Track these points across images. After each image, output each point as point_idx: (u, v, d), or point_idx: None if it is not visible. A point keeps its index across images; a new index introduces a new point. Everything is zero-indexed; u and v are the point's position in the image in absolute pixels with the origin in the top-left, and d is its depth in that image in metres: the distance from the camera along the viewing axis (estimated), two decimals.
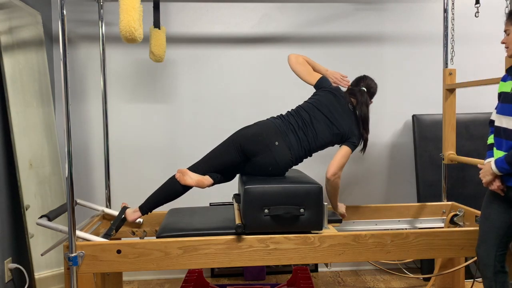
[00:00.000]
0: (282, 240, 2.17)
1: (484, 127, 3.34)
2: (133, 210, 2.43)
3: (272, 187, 2.16)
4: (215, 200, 3.38)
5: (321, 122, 2.41)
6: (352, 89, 2.55)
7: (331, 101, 2.46)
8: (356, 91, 2.50)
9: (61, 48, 1.98)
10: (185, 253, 2.14)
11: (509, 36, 1.96)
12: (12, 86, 2.56)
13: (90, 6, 3.28)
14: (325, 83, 2.55)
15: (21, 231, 2.71)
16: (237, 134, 2.39)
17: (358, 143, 2.47)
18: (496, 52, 3.53)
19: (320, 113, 2.43)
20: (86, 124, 3.32)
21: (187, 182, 2.31)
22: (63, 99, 2.00)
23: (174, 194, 2.35)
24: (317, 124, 2.40)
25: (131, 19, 2.21)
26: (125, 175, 3.35)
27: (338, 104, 2.45)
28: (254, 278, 3.33)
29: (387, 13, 3.46)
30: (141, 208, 2.39)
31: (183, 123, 3.39)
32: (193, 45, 3.37)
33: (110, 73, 3.32)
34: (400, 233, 2.22)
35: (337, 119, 2.42)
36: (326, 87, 2.53)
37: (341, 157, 2.42)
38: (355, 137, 2.45)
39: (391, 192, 3.54)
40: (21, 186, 2.53)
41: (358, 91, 2.50)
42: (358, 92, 2.49)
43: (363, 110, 2.46)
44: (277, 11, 3.40)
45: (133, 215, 2.43)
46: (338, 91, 2.52)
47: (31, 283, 2.63)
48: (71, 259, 2.04)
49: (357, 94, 2.49)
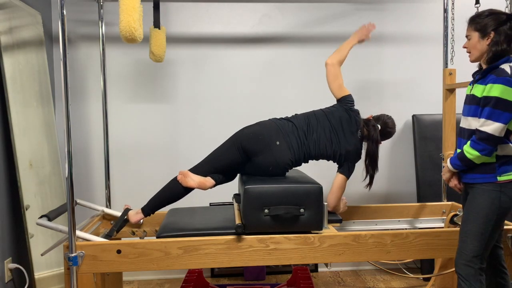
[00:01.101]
0: (282, 240, 2.17)
1: None
2: (136, 211, 2.43)
3: (272, 187, 2.17)
4: (215, 200, 3.38)
5: (326, 132, 2.39)
6: (369, 120, 2.50)
7: (345, 118, 2.43)
8: (371, 125, 2.45)
9: (61, 48, 1.98)
10: (185, 253, 2.14)
11: (471, 41, 2.00)
12: (12, 86, 2.56)
13: (90, 6, 3.28)
14: (348, 100, 2.51)
15: (21, 231, 2.71)
16: (238, 134, 2.40)
17: (352, 169, 2.45)
18: None
19: (328, 124, 2.41)
20: (86, 124, 3.32)
21: (188, 184, 2.31)
22: (63, 99, 2.00)
23: (176, 196, 2.36)
24: (322, 133, 2.39)
25: (131, 19, 2.21)
26: (125, 175, 3.35)
27: (349, 125, 2.43)
28: (254, 278, 3.33)
29: (387, 13, 3.46)
30: (144, 210, 2.39)
31: (183, 123, 3.39)
32: (193, 45, 3.37)
33: (110, 73, 3.32)
34: (400, 233, 2.22)
35: (341, 137, 2.40)
36: (347, 105, 2.49)
37: (338, 189, 2.43)
38: (350, 163, 2.43)
39: (391, 192, 3.54)
40: (21, 186, 2.53)
41: (372, 125, 2.44)
42: (372, 126, 2.44)
43: (371, 147, 2.43)
44: (277, 11, 3.40)
45: (135, 216, 2.43)
46: (356, 113, 2.48)
47: (31, 283, 2.63)
48: (71, 259, 2.04)
49: (370, 127, 2.44)
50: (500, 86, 1.85)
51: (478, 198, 1.97)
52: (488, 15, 1.95)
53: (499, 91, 1.85)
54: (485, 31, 1.94)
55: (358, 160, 2.46)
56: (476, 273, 1.96)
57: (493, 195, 1.94)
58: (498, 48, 1.91)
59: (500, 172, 1.95)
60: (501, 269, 2.12)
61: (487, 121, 1.89)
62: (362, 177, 2.48)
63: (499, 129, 1.87)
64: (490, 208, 1.94)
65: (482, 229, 1.95)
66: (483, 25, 1.95)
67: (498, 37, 1.91)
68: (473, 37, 1.99)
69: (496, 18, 1.93)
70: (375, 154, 2.44)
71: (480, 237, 1.96)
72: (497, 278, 2.12)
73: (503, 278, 2.11)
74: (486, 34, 1.94)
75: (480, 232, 1.96)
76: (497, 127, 1.87)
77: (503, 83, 1.84)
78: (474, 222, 1.97)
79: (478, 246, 1.96)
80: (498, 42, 1.91)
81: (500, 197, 1.94)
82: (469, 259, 1.97)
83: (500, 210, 1.94)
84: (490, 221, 1.95)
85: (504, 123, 1.87)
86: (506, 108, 1.85)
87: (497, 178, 1.95)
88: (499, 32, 1.91)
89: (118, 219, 2.48)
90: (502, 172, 1.95)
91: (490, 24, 1.93)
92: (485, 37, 1.95)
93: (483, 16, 1.96)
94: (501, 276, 2.11)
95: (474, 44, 1.99)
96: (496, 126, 1.87)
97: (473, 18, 2.01)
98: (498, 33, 1.92)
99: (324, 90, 3.44)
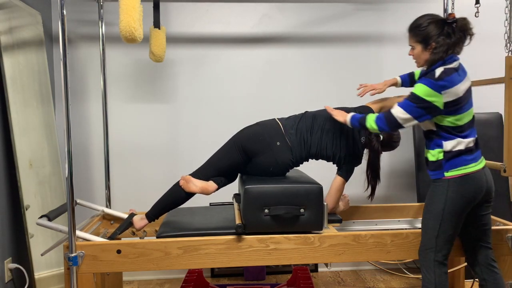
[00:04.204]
0: (282, 240, 2.17)
1: (484, 127, 3.34)
2: (140, 217, 2.41)
3: (272, 187, 2.17)
4: (215, 200, 3.38)
5: (329, 133, 2.38)
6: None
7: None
8: (374, 134, 2.41)
9: (61, 48, 1.98)
10: (185, 253, 2.14)
11: (415, 51, 2.09)
12: (12, 86, 2.56)
13: (90, 6, 3.28)
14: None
15: (21, 231, 2.71)
16: (238, 135, 2.40)
17: (351, 172, 2.44)
18: (496, 52, 3.53)
19: (333, 125, 2.40)
20: (86, 124, 3.32)
21: (191, 190, 2.31)
22: (63, 99, 2.00)
23: (179, 201, 2.35)
24: (324, 134, 2.38)
25: (131, 19, 2.21)
26: (125, 175, 3.35)
27: (353, 129, 2.40)
28: (254, 278, 3.33)
29: (387, 13, 3.46)
30: (148, 215, 2.38)
31: (183, 123, 3.39)
32: (193, 45, 3.37)
33: (110, 73, 3.32)
34: (400, 233, 2.22)
35: (343, 140, 2.38)
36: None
37: (336, 191, 2.44)
38: (349, 165, 2.43)
39: (391, 192, 3.54)
40: (21, 186, 2.53)
41: (375, 135, 2.41)
42: (375, 136, 2.41)
43: (372, 157, 2.42)
44: (277, 11, 3.40)
45: (140, 222, 2.41)
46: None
47: (31, 283, 2.63)
48: (71, 259, 2.04)
49: (373, 136, 2.41)
50: (420, 84, 1.97)
51: (430, 194, 2.08)
52: (427, 25, 2.03)
53: (417, 88, 1.97)
54: (427, 42, 2.04)
55: (357, 164, 2.45)
56: (430, 264, 2.06)
57: (441, 191, 2.04)
58: (438, 55, 2.01)
59: (446, 168, 2.03)
60: (490, 268, 2.15)
61: (399, 108, 2.02)
62: (362, 177, 2.47)
63: (404, 118, 2.00)
64: (438, 204, 2.03)
65: (431, 224, 2.06)
66: (424, 36, 2.04)
67: (438, 45, 2.01)
68: (416, 47, 2.08)
69: (435, 28, 2.02)
70: (376, 165, 2.44)
71: (431, 232, 2.06)
72: (486, 276, 2.15)
73: (492, 276, 2.14)
74: (428, 45, 2.04)
75: (429, 226, 2.07)
76: (406, 117, 2.00)
77: (424, 83, 1.97)
78: (425, 217, 2.09)
79: (429, 240, 2.06)
80: (438, 50, 2.01)
81: (447, 193, 2.02)
82: (423, 250, 2.09)
83: (448, 205, 2.01)
84: (439, 216, 2.03)
85: (413, 116, 1.99)
86: (417, 103, 1.97)
87: (444, 174, 2.03)
88: (438, 41, 2.01)
89: (122, 223, 2.45)
90: (448, 168, 2.03)
91: (431, 35, 2.02)
92: (427, 48, 2.04)
93: (423, 27, 2.04)
94: (490, 274, 2.14)
95: (419, 54, 2.08)
96: (406, 116, 2.00)
97: (414, 28, 2.09)
98: (437, 42, 2.01)
99: (324, 90, 3.45)
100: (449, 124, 2.01)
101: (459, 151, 2.01)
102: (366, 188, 2.47)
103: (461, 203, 2.01)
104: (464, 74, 2.03)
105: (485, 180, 2.04)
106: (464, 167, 2.01)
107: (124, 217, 2.69)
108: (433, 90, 1.94)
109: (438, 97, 1.95)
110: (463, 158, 2.01)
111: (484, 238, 2.16)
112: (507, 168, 2.32)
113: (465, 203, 2.01)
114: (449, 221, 2.02)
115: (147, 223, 2.39)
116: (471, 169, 2.01)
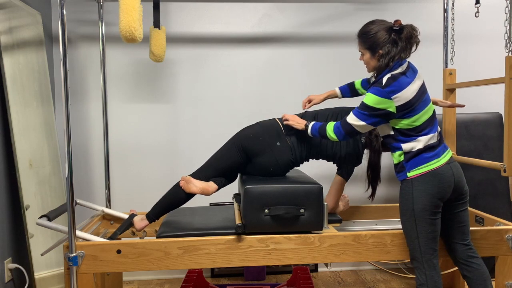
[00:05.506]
0: (282, 240, 2.17)
1: (484, 127, 3.34)
2: (141, 218, 2.41)
3: (272, 187, 2.17)
4: (215, 200, 3.38)
5: None
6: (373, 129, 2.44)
7: None
8: (373, 134, 2.42)
9: (61, 48, 1.98)
10: (185, 253, 2.14)
11: (364, 57, 2.12)
12: (12, 86, 2.56)
13: (90, 6, 3.28)
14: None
15: (21, 231, 2.71)
16: (238, 135, 2.39)
17: (351, 172, 2.46)
18: (496, 52, 3.53)
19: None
20: (86, 124, 3.32)
21: (191, 190, 2.30)
22: (63, 99, 2.00)
23: (179, 202, 2.35)
24: None
25: (131, 19, 2.21)
26: (125, 175, 3.35)
27: None
28: (254, 278, 3.33)
29: (387, 13, 3.46)
30: (148, 216, 2.38)
31: (183, 123, 3.39)
32: (193, 45, 3.37)
33: (110, 73, 3.32)
34: (400, 233, 2.22)
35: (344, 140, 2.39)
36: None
37: (336, 191, 2.45)
38: (349, 165, 2.43)
39: (391, 192, 3.54)
40: (21, 186, 2.53)
41: (375, 135, 2.41)
42: (374, 136, 2.41)
43: (372, 157, 2.43)
44: (277, 11, 3.41)
45: (140, 223, 2.41)
46: None
47: (31, 283, 2.63)
48: (71, 259, 2.04)
49: (373, 136, 2.41)
50: (369, 94, 2.02)
51: (399, 196, 2.10)
52: (375, 32, 2.05)
53: (367, 98, 2.02)
54: (375, 49, 2.07)
55: (357, 164, 2.45)
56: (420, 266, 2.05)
57: (406, 191, 2.05)
58: (384, 62, 2.04)
59: (408, 168, 2.05)
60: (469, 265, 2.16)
61: (353, 115, 2.07)
62: (363, 177, 2.47)
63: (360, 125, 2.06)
64: (407, 204, 2.05)
65: (409, 226, 2.06)
66: (372, 43, 2.06)
67: (385, 52, 2.04)
68: (365, 54, 2.11)
69: (382, 35, 2.04)
70: (377, 165, 2.44)
71: (411, 233, 2.05)
72: (467, 272, 2.17)
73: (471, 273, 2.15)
74: (376, 52, 2.06)
75: (408, 229, 2.06)
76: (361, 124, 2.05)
77: (372, 92, 2.01)
78: (401, 220, 2.10)
79: (412, 242, 2.06)
80: (384, 57, 2.04)
81: (412, 193, 2.03)
82: (411, 254, 2.09)
83: (416, 204, 2.02)
84: (411, 216, 2.04)
85: (367, 123, 2.04)
86: (369, 111, 2.01)
87: (407, 174, 2.05)
88: (385, 49, 2.04)
89: (123, 223, 2.45)
90: (410, 168, 2.05)
91: (378, 43, 2.05)
92: (375, 55, 2.07)
93: (371, 34, 2.06)
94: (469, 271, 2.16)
95: (368, 61, 2.11)
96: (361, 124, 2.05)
97: (362, 34, 2.11)
98: (384, 49, 2.04)
99: (324, 90, 3.44)
100: (406, 127, 2.03)
101: (418, 150, 2.03)
102: (367, 188, 2.48)
103: (428, 200, 2.01)
104: (413, 75, 2.05)
105: (451, 174, 2.04)
106: (425, 165, 2.02)
107: (124, 217, 2.69)
108: (382, 98, 1.98)
109: (388, 103, 1.98)
110: (423, 156, 2.03)
111: (460, 236, 2.16)
112: (507, 168, 2.31)
113: (432, 199, 2.01)
114: (423, 219, 2.02)
115: (148, 223, 2.39)
116: (433, 165, 2.02)
